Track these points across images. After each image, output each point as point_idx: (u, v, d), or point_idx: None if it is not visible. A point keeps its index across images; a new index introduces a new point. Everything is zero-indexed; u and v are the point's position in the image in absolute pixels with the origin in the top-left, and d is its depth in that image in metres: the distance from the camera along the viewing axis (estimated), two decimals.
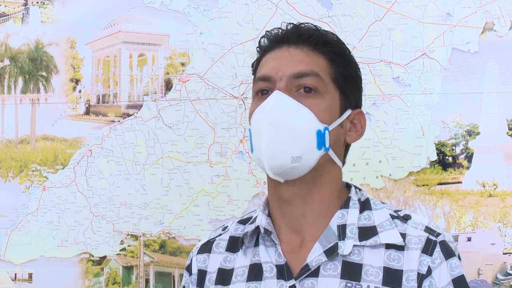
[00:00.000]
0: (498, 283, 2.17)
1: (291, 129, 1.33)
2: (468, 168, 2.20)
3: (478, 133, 2.20)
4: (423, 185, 2.21)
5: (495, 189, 2.17)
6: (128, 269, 2.45)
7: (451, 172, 2.20)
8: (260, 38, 1.44)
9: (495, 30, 2.19)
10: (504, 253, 2.17)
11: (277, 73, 1.36)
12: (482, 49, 2.19)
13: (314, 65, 1.37)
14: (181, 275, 2.37)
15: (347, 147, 1.44)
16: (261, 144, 1.33)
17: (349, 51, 1.45)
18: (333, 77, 1.38)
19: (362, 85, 1.47)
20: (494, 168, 2.18)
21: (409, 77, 2.23)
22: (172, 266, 2.40)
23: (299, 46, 1.38)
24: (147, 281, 2.43)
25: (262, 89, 1.38)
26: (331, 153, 1.37)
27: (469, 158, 2.20)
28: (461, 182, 2.20)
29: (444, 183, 2.20)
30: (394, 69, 2.23)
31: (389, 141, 2.23)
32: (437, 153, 2.21)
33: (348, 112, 1.40)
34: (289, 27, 1.42)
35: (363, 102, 1.48)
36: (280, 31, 1.42)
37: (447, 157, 2.21)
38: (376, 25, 2.25)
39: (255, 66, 1.45)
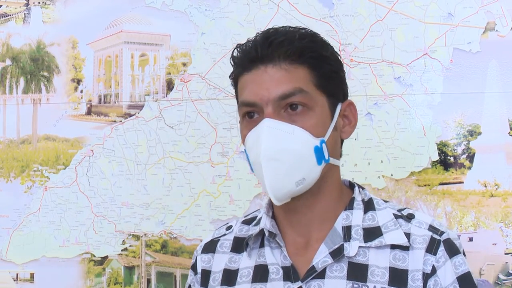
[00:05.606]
0: (499, 283, 2.17)
1: (289, 158, 1.31)
2: (469, 168, 2.19)
3: (479, 133, 2.20)
4: (425, 185, 2.21)
5: (496, 189, 2.17)
6: (130, 269, 2.45)
7: (452, 172, 2.20)
8: (233, 51, 1.39)
9: (496, 30, 2.18)
10: (506, 253, 2.17)
11: (262, 98, 1.32)
12: (484, 49, 2.19)
13: (296, 81, 1.32)
14: (183, 275, 2.37)
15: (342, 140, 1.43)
16: (263, 179, 1.32)
17: (325, 44, 1.39)
18: (317, 83, 1.34)
19: (349, 80, 1.43)
20: (496, 168, 2.17)
21: (410, 77, 2.22)
22: (174, 266, 2.40)
23: (276, 64, 1.33)
24: (148, 281, 2.43)
25: (249, 112, 1.35)
26: (331, 160, 1.36)
27: (471, 158, 2.20)
28: (462, 182, 2.19)
29: (446, 183, 2.20)
30: (395, 69, 2.23)
31: (390, 141, 2.23)
32: (438, 153, 2.20)
33: (338, 108, 1.38)
34: (258, 39, 1.36)
35: (364, 103, 1.47)
36: (251, 45, 1.36)
37: (448, 157, 2.20)
38: (378, 25, 2.25)
39: (234, 82, 1.40)
